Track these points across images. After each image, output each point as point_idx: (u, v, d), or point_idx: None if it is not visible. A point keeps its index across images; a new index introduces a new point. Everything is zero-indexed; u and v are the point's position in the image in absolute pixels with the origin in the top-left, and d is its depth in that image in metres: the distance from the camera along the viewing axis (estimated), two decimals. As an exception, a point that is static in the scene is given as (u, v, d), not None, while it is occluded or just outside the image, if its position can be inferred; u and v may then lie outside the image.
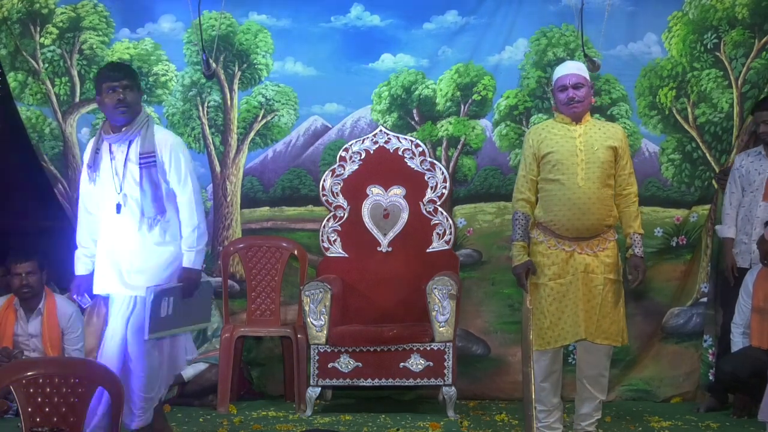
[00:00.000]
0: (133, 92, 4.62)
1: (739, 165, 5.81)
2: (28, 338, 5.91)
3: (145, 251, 4.63)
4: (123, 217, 4.62)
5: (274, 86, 6.47)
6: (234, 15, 6.46)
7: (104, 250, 4.69)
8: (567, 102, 4.81)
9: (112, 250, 4.65)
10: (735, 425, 5.43)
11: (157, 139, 4.64)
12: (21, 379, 3.43)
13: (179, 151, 4.69)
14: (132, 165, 4.61)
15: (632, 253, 4.85)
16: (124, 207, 4.61)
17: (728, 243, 5.79)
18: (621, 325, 4.81)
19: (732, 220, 5.79)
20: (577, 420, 4.93)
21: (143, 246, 4.63)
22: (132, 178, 4.61)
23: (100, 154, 4.67)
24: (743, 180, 5.77)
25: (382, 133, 6.25)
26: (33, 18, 6.44)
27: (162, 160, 4.63)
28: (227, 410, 5.80)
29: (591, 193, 4.73)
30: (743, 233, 5.75)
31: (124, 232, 4.63)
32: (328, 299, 5.66)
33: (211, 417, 5.67)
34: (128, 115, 4.60)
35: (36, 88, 6.46)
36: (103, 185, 4.66)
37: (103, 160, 4.66)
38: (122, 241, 4.63)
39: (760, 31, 6.19)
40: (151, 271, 4.62)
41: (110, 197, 4.65)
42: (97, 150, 4.67)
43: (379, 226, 6.20)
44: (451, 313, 5.59)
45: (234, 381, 5.99)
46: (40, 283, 5.92)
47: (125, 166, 4.61)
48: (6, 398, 5.58)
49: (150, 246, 4.64)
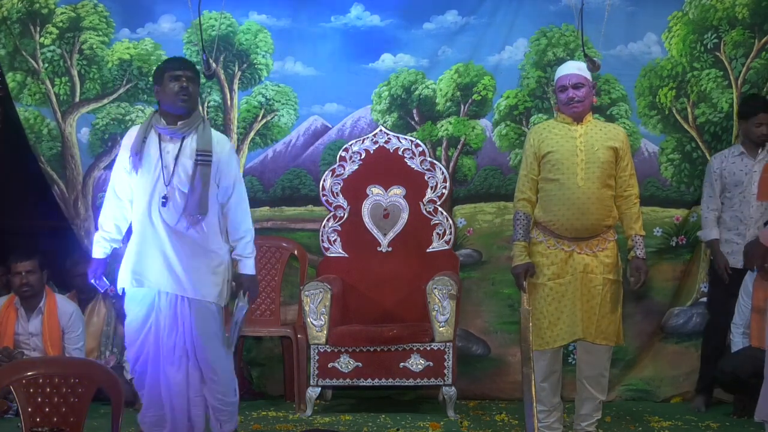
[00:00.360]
0: (195, 86, 4.56)
1: (719, 167, 5.83)
2: (29, 337, 5.93)
3: (189, 250, 4.50)
4: (168, 211, 4.50)
5: (274, 86, 6.48)
6: (234, 15, 6.46)
7: (145, 244, 4.52)
8: (567, 102, 4.81)
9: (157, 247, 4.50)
10: (735, 425, 5.43)
11: (214, 140, 4.57)
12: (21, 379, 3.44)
13: (233, 155, 4.66)
14: (185, 160, 4.50)
15: (634, 254, 4.85)
16: (172, 201, 4.50)
17: (715, 244, 5.81)
18: (618, 325, 4.82)
19: (712, 223, 5.82)
20: (577, 420, 4.93)
21: (190, 245, 4.51)
22: (184, 173, 4.49)
23: (147, 144, 4.54)
24: (726, 181, 5.79)
25: (382, 133, 6.25)
26: (33, 18, 6.44)
27: (217, 160, 4.55)
28: (227, 410, 5.79)
29: (590, 193, 4.73)
30: (735, 233, 5.76)
31: (165, 226, 4.49)
32: (328, 299, 5.66)
33: (211, 417, 5.67)
34: (188, 105, 4.51)
35: (35, 88, 6.46)
36: (146, 175, 4.53)
37: (150, 150, 4.54)
38: (165, 236, 4.49)
39: (760, 31, 6.20)
40: (198, 273, 4.50)
41: (152, 188, 4.50)
42: (144, 139, 4.54)
43: (379, 226, 6.20)
44: (451, 313, 5.59)
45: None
46: (40, 282, 5.93)
47: (177, 160, 4.50)
48: (6, 398, 5.59)
49: (194, 246, 4.51)
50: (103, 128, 6.49)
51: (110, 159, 6.48)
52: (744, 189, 5.74)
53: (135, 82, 6.48)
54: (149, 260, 4.51)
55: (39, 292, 5.93)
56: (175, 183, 4.49)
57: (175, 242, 4.49)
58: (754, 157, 5.77)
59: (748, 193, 5.73)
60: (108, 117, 6.48)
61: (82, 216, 6.49)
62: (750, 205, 5.71)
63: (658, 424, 5.43)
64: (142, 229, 4.55)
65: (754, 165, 5.74)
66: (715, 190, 5.82)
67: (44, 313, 5.92)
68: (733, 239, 5.77)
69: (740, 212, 5.75)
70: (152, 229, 4.52)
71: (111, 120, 6.48)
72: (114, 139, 6.47)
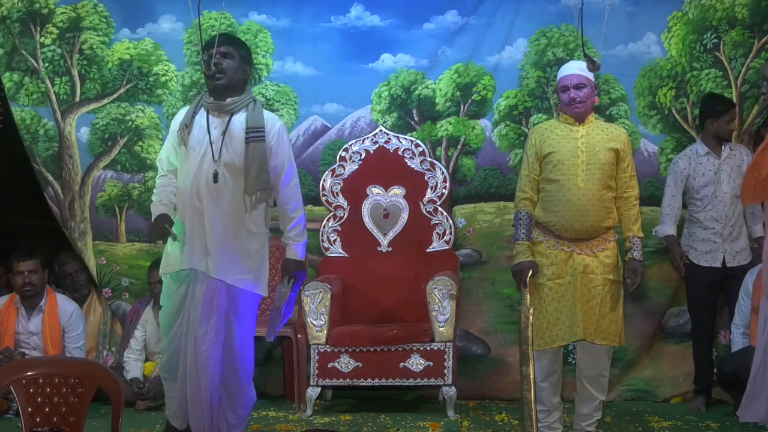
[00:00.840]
0: (233, 60, 4.41)
1: (686, 167, 5.85)
2: (29, 336, 5.94)
3: (230, 231, 4.36)
4: (218, 187, 4.35)
5: (274, 86, 6.48)
6: (234, 15, 6.46)
7: (189, 223, 4.38)
8: (569, 102, 4.81)
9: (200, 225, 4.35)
10: (735, 425, 5.43)
11: (266, 117, 4.43)
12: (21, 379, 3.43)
13: (285, 135, 4.50)
14: (234, 136, 4.37)
15: (631, 256, 4.85)
16: (221, 178, 4.35)
17: (672, 239, 5.86)
18: (619, 325, 4.82)
19: (670, 219, 5.87)
20: (577, 420, 4.93)
21: (233, 226, 4.37)
22: (232, 149, 4.37)
23: (195, 120, 4.45)
24: (695, 183, 5.82)
25: (382, 133, 6.25)
26: (33, 17, 6.45)
27: (269, 140, 4.42)
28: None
29: (591, 194, 4.73)
30: (712, 232, 5.79)
31: (210, 204, 4.35)
32: (328, 299, 5.66)
33: (211, 417, 5.67)
34: (223, 81, 4.39)
35: (33, 88, 6.46)
36: (192, 151, 4.41)
37: (197, 126, 4.43)
38: (208, 214, 4.35)
39: (760, 31, 6.20)
40: (237, 257, 4.37)
41: (198, 164, 4.38)
42: (194, 114, 4.46)
43: (379, 226, 6.20)
44: (451, 313, 5.59)
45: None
46: (42, 281, 5.94)
47: (224, 136, 4.38)
48: (6, 398, 5.59)
49: (237, 227, 4.37)
50: (103, 128, 6.49)
51: (110, 159, 6.50)
52: (714, 188, 5.79)
53: (135, 82, 6.48)
54: (196, 240, 4.37)
55: (40, 292, 5.95)
56: (224, 160, 4.38)
57: (217, 222, 4.35)
58: (719, 155, 5.82)
59: (720, 192, 5.78)
60: (108, 117, 6.49)
61: (77, 217, 6.48)
62: (723, 204, 5.77)
63: (658, 424, 5.43)
64: (185, 208, 4.43)
65: (720, 164, 5.80)
66: (678, 190, 5.87)
67: (45, 312, 5.93)
68: (710, 238, 5.80)
69: (714, 211, 5.79)
70: (195, 207, 4.38)
71: (111, 120, 6.49)
72: (114, 138, 6.48)
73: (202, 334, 4.36)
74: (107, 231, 6.51)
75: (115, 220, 6.51)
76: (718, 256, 5.79)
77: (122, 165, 6.51)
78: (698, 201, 5.84)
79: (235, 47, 4.48)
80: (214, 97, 4.46)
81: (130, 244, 6.50)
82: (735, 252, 5.79)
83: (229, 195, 4.39)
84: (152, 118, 6.49)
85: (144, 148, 6.49)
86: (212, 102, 4.45)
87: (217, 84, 4.41)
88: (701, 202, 5.83)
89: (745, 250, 5.83)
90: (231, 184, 4.39)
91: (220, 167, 4.38)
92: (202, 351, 4.36)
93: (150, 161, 6.46)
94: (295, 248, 4.50)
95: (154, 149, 6.43)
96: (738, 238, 5.80)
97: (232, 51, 4.44)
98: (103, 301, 6.51)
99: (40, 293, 5.95)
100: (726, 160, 5.81)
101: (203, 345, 4.36)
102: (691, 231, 5.88)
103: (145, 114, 6.48)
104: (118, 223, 6.51)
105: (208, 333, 4.36)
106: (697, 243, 5.83)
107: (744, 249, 5.82)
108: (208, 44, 4.49)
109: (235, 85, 4.45)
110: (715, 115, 5.83)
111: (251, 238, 4.42)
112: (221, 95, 4.44)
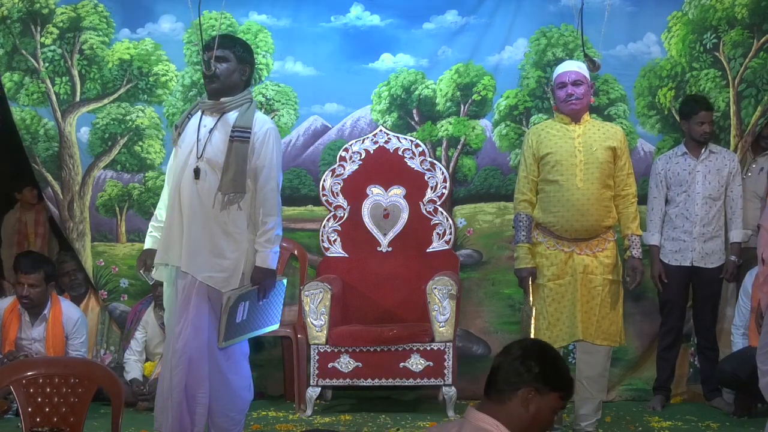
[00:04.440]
0: (229, 64, 4.38)
1: (663, 168, 5.86)
2: (32, 342, 5.90)
3: (207, 229, 4.30)
4: (201, 185, 4.31)
5: (274, 86, 6.48)
6: (234, 15, 6.46)
7: (172, 218, 4.36)
8: (565, 99, 4.82)
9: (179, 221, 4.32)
10: (735, 425, 5.43)
11: (255, 119, 4.39)
12: (21, 379, 3.44)
13: (273, 138, 4.39)
14: (219, 134, 4.34)
15: (630, 254, 4.86)
16: (202, 174, 4.31)
17: (654, 251, 5.83)
18: (619, 325, 4.82)
19: (656, 227, 5.85)
20: (577, 420, 4.94)
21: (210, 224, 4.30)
22: (216, 147, 4.33)
23: (190, 120, 4.45)
24: (670, 181, 5.83)
25: (382, 133, 6.25)
26: (33, 17, 6.44)
27: (254, 141, 4.34)
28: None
29: (590, 194, 4.73)
30: (682, 231, 5.79)
31: (190, 200, 4.31)
32: (328, 299, 5.66)
33: (211, 417, 5.67)
34: (216, 85, 4.37)
35: (33, 88, 6.45)
36: (183, 149, 4.40)
37: (190, 126, 4.43)
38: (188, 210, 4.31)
39: (759, 31, 6.20)
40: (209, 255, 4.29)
41: (185, 161, 4.37)
42: (189, 115, 4.47)
43: (379, 226, 6.20)
44: (451, 313, 5.59)
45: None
46: (43, 295, 5.84)
47: (210, 133, 4.36)
48: (6, 398, 5.59)
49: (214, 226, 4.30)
50: (104, 128, 6.49)
51: (110, 159, 6.50)
52: (688, 188, 5.79)
53: (135, 82, 6.48)
54: (173, 235, 4.34)
55: (40, 304, 5.86)
56: (207, 156, 4.35)
57: (195, 218, 4.31)
58: (697, 157, 5.82)
59: (693, 192, 5.78)
60: (108, 117, 6.49)
61: (77, 218, 6.48)
62: (695, 204, 5.77)
63: (658, 424, 5.43)
64: (171, 202, 4.41)
65: (696, 165, 5.80)
66: (661, 192, 5.86)
67: (48, 321, 5.87)
68: (680, 237, 5.81)
69: (686, 210, 5.79)
70: (178, 203, 4.36)
71: (111, 120, 6.48)
72: (114, 138, 6.48)
73: (177, 331, 4.30)
74: (107, 231, 6.51)
75: (115, 220, 6.51)
76: (687, 255, 5.78)
77: (122, 165, 6.51)
78: (673, 200, 5.84)
79: (232, 49, 4.45)
80: (210, 98, 4.46)
81: (130, 245, 6.50)
82: (705, 253, 5.77)
83: (209, 192, 4.34)
84: (152, 118, 6.49)
85: (144, 148, 6.49)
86: (207, 102, 4.46)
87: (211, 87, 4.42)
88: (674, 200, 5.83)
89: (717, 254, 5.79)
90: (211, 182, 4.34)
91: (202, 163, 4.35)
92: (177, 348, 4.30)
93: (150, 161, 6.46)
94: (263, 255, 4.35)
95: (155, 149, 6.44)
96: (711, 240, 5.78)
97: (227, 54, 4.41)
98: (100, 300, 6.51)
99: (42, 304, 5.87)
100: (704, 161, 5.80)
101: (178, 342, 4.29)
102: (665, 229, 5.88)
103: (146, 114, 6.48)
104: (118, 223, 6.51)
105: (183, 329, 4.29)
106: (668, 241, 5.84)
107: (716, 252, 5.79)
108: (207, 45, 4.49)
109: (232, 87, 4.43)
110: (686, 115, 5.85)
111: (226, 237, 4.34)
112: (217, 97, 4.44)
